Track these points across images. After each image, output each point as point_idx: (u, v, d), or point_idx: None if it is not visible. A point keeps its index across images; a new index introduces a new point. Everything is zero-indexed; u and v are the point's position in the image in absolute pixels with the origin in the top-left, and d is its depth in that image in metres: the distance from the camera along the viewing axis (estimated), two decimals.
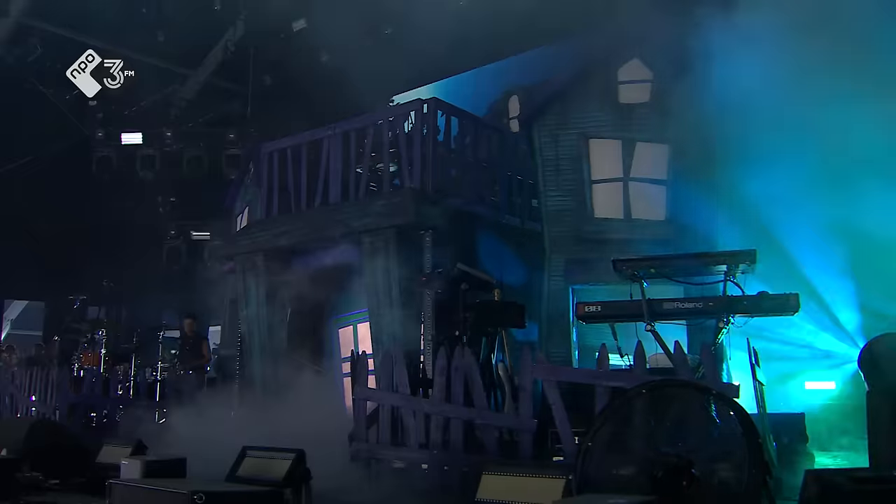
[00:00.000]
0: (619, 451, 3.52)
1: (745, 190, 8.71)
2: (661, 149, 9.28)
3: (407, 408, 6.62)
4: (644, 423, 3.57)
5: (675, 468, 3.31)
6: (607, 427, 3.52)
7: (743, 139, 8.83)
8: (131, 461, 5.08)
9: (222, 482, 5.16)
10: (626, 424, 3.55)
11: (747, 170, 8.65)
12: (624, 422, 3.54)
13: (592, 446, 3.46)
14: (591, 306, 6.61)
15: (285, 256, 10.62)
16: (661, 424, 3.54)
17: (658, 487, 3.29)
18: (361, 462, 6.76)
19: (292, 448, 5.16)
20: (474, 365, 6.40)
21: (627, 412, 3.56)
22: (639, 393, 3.61)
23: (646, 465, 3.39)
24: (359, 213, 9.50)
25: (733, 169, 8.97)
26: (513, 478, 3.94)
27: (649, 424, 3.56)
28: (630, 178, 9.35)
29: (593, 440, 3.48)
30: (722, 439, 3.40)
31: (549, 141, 9.65)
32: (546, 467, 4.03)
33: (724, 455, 3.39)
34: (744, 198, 8.76)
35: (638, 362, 5.90)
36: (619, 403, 3.64)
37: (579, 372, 6.40)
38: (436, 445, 6.43)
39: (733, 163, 9.02)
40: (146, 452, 6.30)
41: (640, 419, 3.60)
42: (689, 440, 3.47)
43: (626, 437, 3.51)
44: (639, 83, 9.46)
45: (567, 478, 3.66)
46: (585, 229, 9.39)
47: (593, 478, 3.43)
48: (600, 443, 3.47)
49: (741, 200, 8.80)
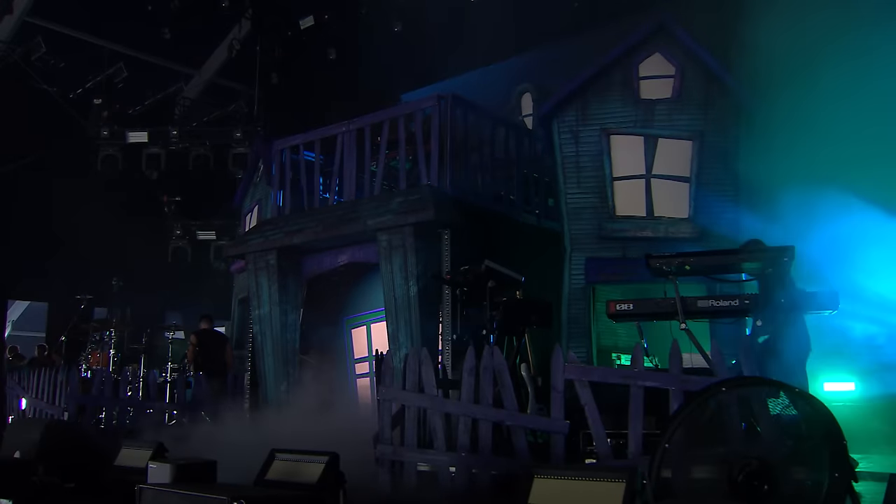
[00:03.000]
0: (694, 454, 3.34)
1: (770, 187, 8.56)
2: (684, 145, 9.14)
3: (434, 409, 6.44)
4: (721, 424, 3.39)
5: (756, 471, 3.13)
6: (683, 428, 3.33)
7: (767, 135, 8.69)
8: (159, 465, 4.89)
9: (251, 486, 4.98)
10: (703, 425, 3.36)
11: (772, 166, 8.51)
12: (700, 422, 3.36)
13: (670, 448, 3.27)
14: (623, 304, 6.44)
15: (298, 255, 10.44)
16: (738, 425, 3.38)
17: (737, 492, 3.12)
18: (386, 465, 6.57)
19: (324, 450, 4.97)
20: (504, 365, 6.23)
21: (704, 412, 3.37)
22: (717, 391, 3.43)
23: (724, 469, 3.22)
24: (375, 211, 9.32)
25: (758, 165, 8.82)
26: (567, 481, 3.75)
27: (727, 425, 3.38)
28: (653, 175, 9.20)
29: (670, 442, 3.29)
30: (802, 441, 3.23)
31: (569, 137, 9.50)
32: (602, 470, 3.83)
33: (804, 457, 3.21)
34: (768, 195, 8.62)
35: (674, 362, 5.72)
36: (696, 403, 3.45)
37: (613, 372, 6.21)
38: (464, 448, 6.25)
39: (758, 159, 8.89)
40: (167, 455, 6.11)
41: (717, 419, 3.42)
42: (768, 441, 3.29)
43: (703, 438, 3.33)
44: (661, 78, 9.31)
45: (624, 481, 3.48)
46: (607, 227, 9.24)
47: (670, 482, 3.25)
48: (677, 445, 3.28)
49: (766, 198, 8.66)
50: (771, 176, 8.46)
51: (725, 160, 9.08)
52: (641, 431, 5.60)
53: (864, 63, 8.21)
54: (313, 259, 10.38)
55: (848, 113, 7.94)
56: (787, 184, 8.21)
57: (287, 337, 10.39)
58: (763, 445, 3.29)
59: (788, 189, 8.23)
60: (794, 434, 3.26)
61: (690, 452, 3.32)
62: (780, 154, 8.39)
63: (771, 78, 8.42)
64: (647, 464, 3.45)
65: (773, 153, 8.56)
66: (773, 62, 8.20)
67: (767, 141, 8.69)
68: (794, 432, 3.26)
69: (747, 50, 8.35)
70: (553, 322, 7.78)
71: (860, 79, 8.16)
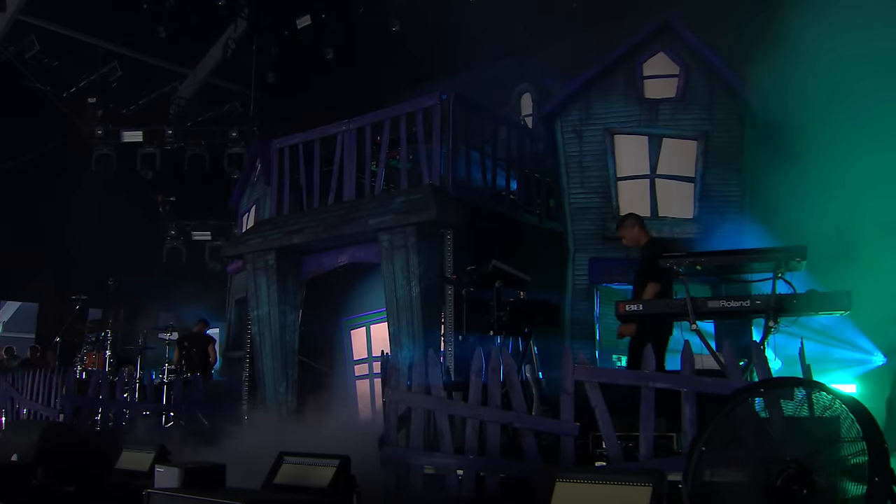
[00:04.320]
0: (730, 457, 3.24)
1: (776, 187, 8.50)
2: (688, 145, 9.08)
3: (441, 411, 6.34)
4: (759, 426, 3.30)
5: (794, 475, 3.04)
6: (721, 430, 3.24)
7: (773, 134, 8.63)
8: (167, 468, 4.77)
9: (261, 491, 4.87)
10: (739, 427, 3.27)
11: (778, 166, 8.44)
12: (736, 424, 3.27)
13: (707, 452, 3.17)
14: (632, 305, 6.34)
15: (298, 255, 10.33)
16: (775, 427, 3.28)
17: (775, 496, 3.03)
18: (391, 467, 6.47)
19: (335, 454, 4.86)
20: (513, 366, 6.13)
21: (741, 413, 3.28)
22: (755, 392, 3.34)
23: (761, 472, 3.12)
24: (376, 211, 9.21)
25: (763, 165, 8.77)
26: (590, 485, 3.65)
27: (764, 427, 3.29)
28: (657, 176, 9.14)
29: (707, 444, 3.19)
30: (842, 443, 3.14)
31: (572, 137, 9.43)
32: (626, 473, 3.73)
33: (844, 461, 3.13)
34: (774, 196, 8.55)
35: (686, 363, 5.64)
36: (734, 404, 3.36)
37: (624, 373, 6.13)
38: (471, 450, 6.15)
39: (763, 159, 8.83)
40: (169, 458, 5.99)
41: (753, 421, 3.32)
42: (807, 444, 3.20)
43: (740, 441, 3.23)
44: (666, 78, 9.24)
45: (651, 485, 3.39)
46: (611, 227, 9.16)
47: (707, 486, 3.15)
48: (715, 447, 3.19)
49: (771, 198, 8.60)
50: (776, 176, 8.41)
51: (730, 160, 9.02)
52: (653, 434, 5.52)
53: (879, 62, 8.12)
54: (313, 259, 10.27)
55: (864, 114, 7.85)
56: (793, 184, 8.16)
57: (286, 338, 10.27)
58: (801, 448, 3.20)
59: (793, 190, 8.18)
60: (834, 436, 3.17)
61: (727, 455, 3.23)
62: (785, 155, 8.34)
63: (782, 81, 8.33)
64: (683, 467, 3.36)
65: (778, 153, 8.50)
66: (786, 67, 8.11)
67: (773, 140, 8.63)
68: (834, 435, 3.17)
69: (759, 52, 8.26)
70: (560, 322, 7.69)
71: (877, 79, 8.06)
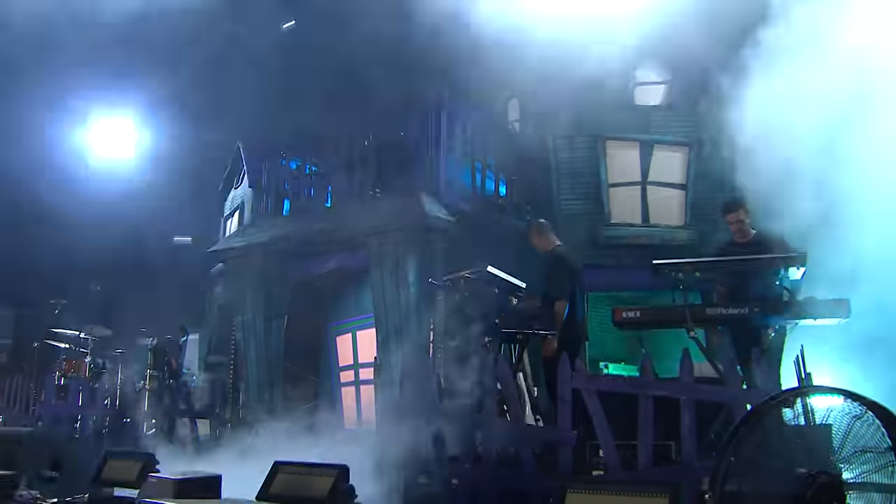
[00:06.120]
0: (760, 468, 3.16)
1: None
2: (680, 152, 9.06)
3: (435, 419, 6.23)
4: (787, 436, 3.22)
5: (826, 487, 2.96)
6: (751, 440, 3.15)
7: None
8: (160, 480, 4.62)
9: (254, 502, 4.73)
10: (769, 437, 3.19)
11: None
12: (766, 434, 3.18)
13: (735, 463, 3.08)
14: (629, 312, 6.24)
15: (284, 261, 10.19)
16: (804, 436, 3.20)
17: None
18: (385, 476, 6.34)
19: (333, 463, 4.74)
20: (510, 374, 6.04)
21: (769, 423, 3.19)
22: (784, 402, 3.26)
23: (792, 484, 3.04)
24: (365, 215, 9.12)
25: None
26: (603, 496, 3.56)
27: (793, 437, 3.21)
28: (648, 182, 9.11)
29: (736, 455, 3.10)
30: (873, 453, 3.07)
31: (563, 143, 9.39)
32: (638, 483, 3.64)
33: (875, 471, 3.05)
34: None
35: (685, 370, 5.57)
36: (761, 413, 3.28)
37: (622, 381, 6.06)
38: (467, 459, 6.05)
39: None
40: (157, 468, 5.81)
41: (783, 431, 3.24)
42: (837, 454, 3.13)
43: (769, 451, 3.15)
44: (657, 85, 9.23)
45: (667, 496, 3.31)
46: (602, 234, 9.12)
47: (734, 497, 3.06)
48: (744, 458, 3.09)
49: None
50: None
51: (721, 167, 8.99)
52: (652, 442, 5.45)
53: None
54: (299, 264, 10.15)
55: None
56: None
57: (271, 344, 10.15)
58: (832, 458, 3.12)
59: None
60: (865, 446, 3.10)
61: (755, 466, 3.15)
62: None
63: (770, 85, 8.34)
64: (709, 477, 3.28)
65: None
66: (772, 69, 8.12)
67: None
68: (865, 444, 3.10)
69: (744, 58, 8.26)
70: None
71: None
